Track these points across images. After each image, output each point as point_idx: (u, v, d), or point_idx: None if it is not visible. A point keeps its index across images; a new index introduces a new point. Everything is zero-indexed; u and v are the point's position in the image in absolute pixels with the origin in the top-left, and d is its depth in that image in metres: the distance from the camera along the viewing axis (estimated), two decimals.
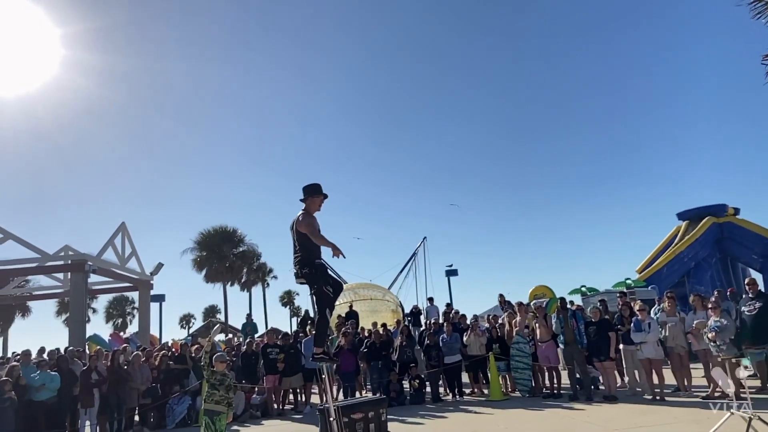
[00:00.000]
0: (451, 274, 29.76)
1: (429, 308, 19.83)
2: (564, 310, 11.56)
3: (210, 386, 7.22)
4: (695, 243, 24.47)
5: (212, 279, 45.71)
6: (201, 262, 45.31)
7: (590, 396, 10.75)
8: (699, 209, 25.98)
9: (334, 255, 5.88)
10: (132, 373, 11.94)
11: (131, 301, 54.51)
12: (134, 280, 25.89)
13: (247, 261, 47.92)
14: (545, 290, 22.85)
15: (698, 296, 11.12)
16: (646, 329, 10.48)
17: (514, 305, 13.84)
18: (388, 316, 20.63)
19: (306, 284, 6.37)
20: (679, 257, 24.37)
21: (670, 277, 23.77)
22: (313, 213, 6.33)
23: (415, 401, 12.31)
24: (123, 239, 24.91)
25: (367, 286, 24.83)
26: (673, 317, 10.91)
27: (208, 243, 45.69)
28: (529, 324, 12.44)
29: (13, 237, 21.50)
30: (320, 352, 6.45)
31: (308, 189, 6.37)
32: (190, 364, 12.94)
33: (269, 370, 12.72)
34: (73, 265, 21.54)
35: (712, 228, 24.63)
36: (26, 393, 10.59)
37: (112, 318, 57.31)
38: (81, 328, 21.22)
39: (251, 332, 20.26)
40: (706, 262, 24.51)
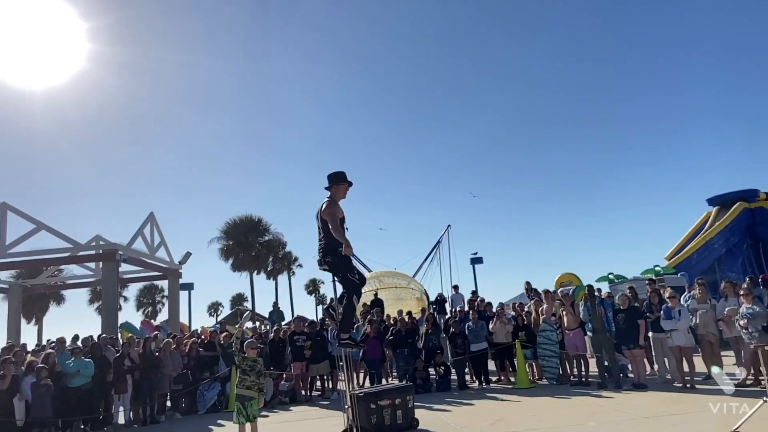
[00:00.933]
0: (476, 262, 29.66)
1: (454, 296, 19.82)
2: (591, 298, 11.46)
3: (241, 372, 7.36)
4: (726, 229, 24.02)
5: (239, 268, 46.39)
6: (227, 251, 45.99)
7: (619, 384, 10.65)
8: (730, 194, 25.46)
9: (344, 253, 5.94)
10: (163, 359, 12.19)
11: (161, 290, 55.62)
12: (163, 269, 26.34)
13: (272, 250, 48.49)
14: (571, 278, 22.68)
15: (730, 283, 10.91)
16: (677, 317, 10.33)
17: (541, 293, 13.76)
18: (413, 304, 20.68)
19: (329, 272, 6.47)
20: (710, 244, 23.96)
21: (700, 264, 23.40)
22: (339, 201, 6.40)
23: (442, 389, 12.35)
24: (152, 229, 25.33)
25: (392, 274, 24.90)
26: (704, 304, 10.74)
27: (234, 232, 46.32)
28: (556, 312, 12.37)
29: (46, 227, 21.99)
30: (346, 338, 6.54)
31: (333, 177, 6.43)
32: (219, 351, 13.16)
33: (297, 357, 12.89)
34: (105, 254, 21.98)
35: (743, 213, 24.14)
36: (61, 379, 10.87)
37: (143, 306, 58.56)
38: (113, 316, 21.68)
39: (278, 320, 20.52)
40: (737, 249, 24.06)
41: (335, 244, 6.12)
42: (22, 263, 23.82)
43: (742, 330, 9.52)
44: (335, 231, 6.01)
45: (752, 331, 9.32)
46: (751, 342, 9.37)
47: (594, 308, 11.22)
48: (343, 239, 5.97)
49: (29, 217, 22.06)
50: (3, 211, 21.72)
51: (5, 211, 21.77)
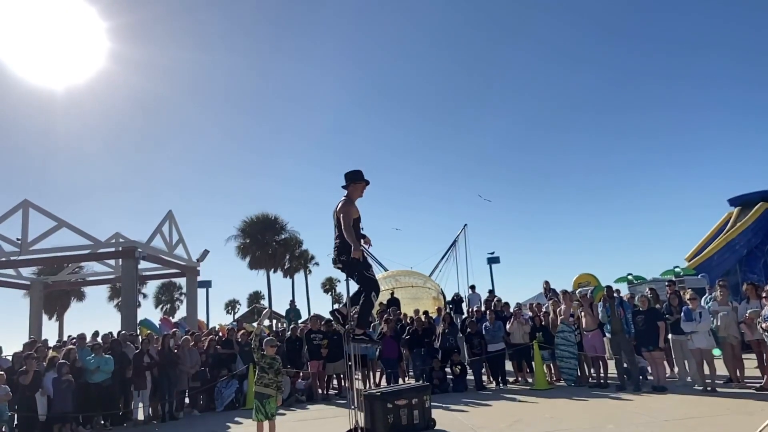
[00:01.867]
0: (493, 262, 29.52)
1: (471, 296, 19.77)
2: (610, 299, 11.34)
3: (260, 369, 7.40)
4: (747, 230, 23.66)
5: (256, 266, 46.73)
6: (244, 249, 46.34)
7: (638, 386, 10.53)
8: (751, 195, 25.06)
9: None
10: (182, 356, 12.31)
11: (179, 287, 56.17)
12: (182, 266, 26.57)
13: (289, 248, 48.78)
14: (590, 278, 22.51)
15: (752, 285, 10.74)
16: (697, 318, 10.19)
17: (559, 293, 13.66)
18: (430, 303, 20.66)
19: (343, 271, 6.45)
20: (731, 245, 23.61)
21: (721, 265, 23.07)
22: (355, 199, 6.40)
23: (458, 389, 12.32)
24: (170, 227, 25.55)
25: (408, 274, 24.90)
26: (725, 306, 10.59)
27: (251, 231, 46.67)
28: (574, 312, 12.27)
29: (67, 225, 22.28)
30: (361, 333, 6.53)
31: (350, 175, 6.43)
32: (236, 349, 13.25)
33: (313, 356, 12.93)
34: (124, 251, 22.22)
35: (765, 214, 23.76)
36: (82, 375, 11.02)
37: (161, 303, 59.24)
38: (132, 313, 21.91)
39: (295, 318, 20.61)
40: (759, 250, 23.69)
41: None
42: (43, 260, 24.18)
43: (764, 333, 9.37)
44: (347, 231, 6.01)
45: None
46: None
47: (613, 309, 11.11)
48: (353, 241, 5.95)
49: (50, 215, 22.38)
50: (25, 209, 22.04)
51: (27, 208, 22.09)
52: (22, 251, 21.78)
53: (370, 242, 6.76)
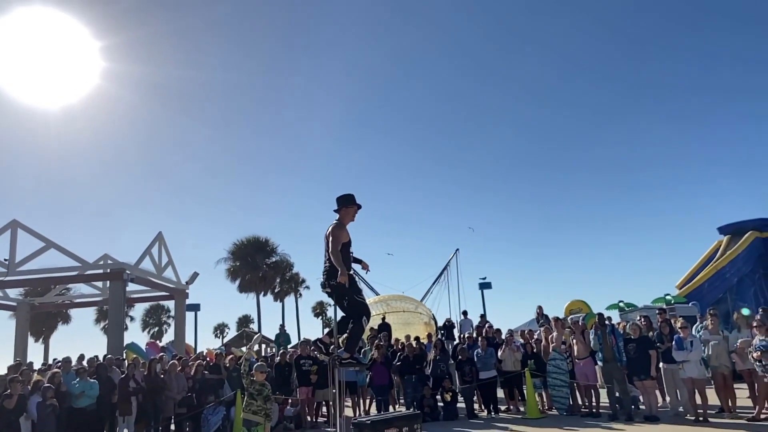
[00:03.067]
0: (485, 287, 29.40)
1: (463, 322, 19.64)
2: (602, 327, 11.31)
3: (248, 396, 7.29)
4: (737, 258, 23.80)
5: (245, 289, 46.35)
6: (234, 272, 46.01)
7: (630, 416, 10.45)
8: (741, 223, 25.29)
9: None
10: (168, 382, 12.10)
11: (167, 310, 55.54)
12: (170, 289, 26.31)
13: (279, 271, 48.48)
14: (581, 305, 22.49)
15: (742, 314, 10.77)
16: (689, 347, 10.17)
17: (551, 320, 13.61)
18: (421, 328, 20.53)
19: (331, 295, 6.36)
20: (721, 273, 23.72)
21: (711, 294, 23.14)
22: (347, 224, 6.35)
23: (449, 417, 12.17)
24: (160, 249, 25.36)
25: (400, 298, 24.78)
26: (716, 335, 10.58)
27: (242, 253, 46.40)
28: (566, 340, 12.21)
29: (55, 245, 22.07)
30: (348, 357, 6.39)
31: (342, 199, 6.40)
32: (224, 374, 13.05)
33: (302, 382, 12.76)
34: (112, 273, 21.99)
35: (755, 243, 23.94)
36: (67, 400, 10.80)
37: (149, 326, 58.47)
38: (119, 336, 21.60)
39: (284, 343, 20.36)
40: (749, 278, 23.79)
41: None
42: (30, 281, 23.90)
43: (756, 363, 9.36)
44: (333, 255, 5.95)
45: (766, 363, 9.16)
46: (765, 375, 9.22)
47: (605, 337, 11.07)
48: (340, 264, 5.88)
49: (39, 235, 22.17)
50: (14, 229, 21.83)
51: (16, 228, 21.88)
52: (9, 272, 21.50)
53: (368, 267, 6.70)
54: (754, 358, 9.32)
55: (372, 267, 6.75)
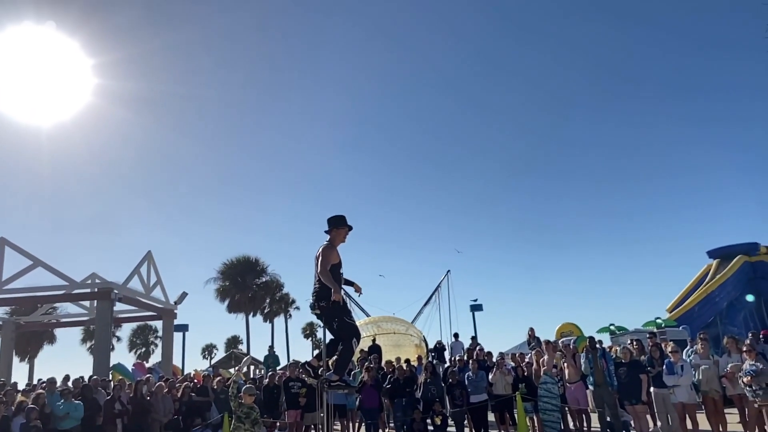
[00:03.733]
0: (476, 309, 29.32)
1: (454, 344, 19.54)
2: (593, 350, 11.28)
3: (236, 419, 7.18)
4: (727, 282, 23.94)
5: (235, 309, 45.95)
6: (224, 292, 45.65)
7: None
8: (730, 247, 25.49)
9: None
10: (154, 404, 11.93)
11: (155, 330, 54.88)
12: (158, 309, 26.06)
13: (269, 291, 48.13)
14: (572, 328, 22.47)
15: (732, 338, 10.79)
16: (679, 372, 10.16)
17: (542, 342, 13.57)
18: (412, 350, 20.38)
19: (320, 317, 6.30)
20: (711, 297, 23.83)
21: (701, 317, 23.22)
22: (338, 245, 6.31)
23: None
24: (149, 268, 25.18)
25: (391, 320, 24.65)
26: (706, 360, 10.58)
27: (231, 273, 46.09)
28: (557, 363, 12.16)
29: (42, 264, 21.87)
30: (337, 380, 6.30)
31: (333, 221, 6.37)
32: (212, 397, 12.88)
33: (291, 405, 12.58)
34: (100, 293, 21.78)
35: (744, 267, 24.11)
36: (51, 421, 10.62)
37: (136, 347, 57.72)
38: (105, 357, 21.31)
39: (273, 365, 20.15)
40: (738, 302, 23.91)
41: (330, 290, 6.04)
42: (17, 300, 23.61)
43: (746, 387, 9.35)
44: (323, 274, 5.92)
45: (756, 388, 9.15)
46: (755, 400, 9.20)
47: (596, 361, 11.05)
48: (332, 283, 5.87)
49: (26, 253, 21.97)
50: (1, 247, 21.64)
51: (3, 246, 21.70)
52: None
53: (361, 290, 6.67)
54: (745, 383, 9.31)
55: (363, 288, 6.71)
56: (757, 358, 9.42)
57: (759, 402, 9.11)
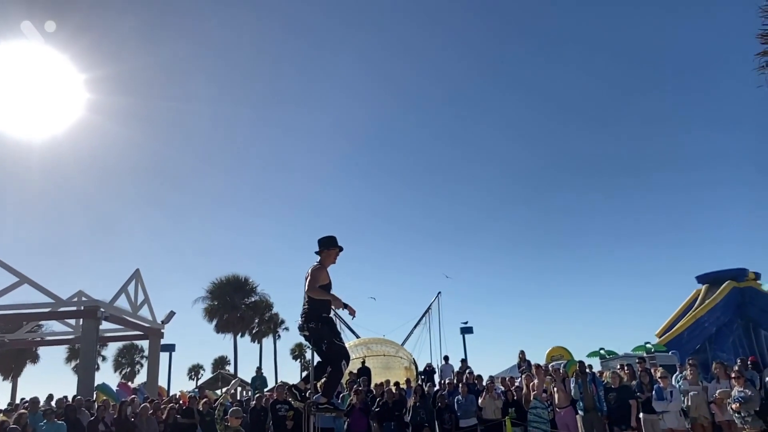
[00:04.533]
0: (466, 332, 29.23)
1: (444, 367, 19.43)
2: (583, 375, 11.27)
3: None
4: (715, 307, 24.00)
5: (223, 329, 45.55)
6: (212, 311, 45.27)
7: None
8: (718, 273, 25.62)
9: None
10: (139, 425, 11.73)
11: (141, 350, 54.19)
12: (145, 328, 25.76)
13: (258, 311, 47.79)
14: (562, 351, 22.43)
15: (721, 364, 10.82)
16: (668, 398, 10.17)
17: (533, 366, 13.53)
18: (402, 373, 20.24)
19: (309, 339, 6.24)
20: (700, 322, 23.87)
21: (690, 342, 23.23)
22: (328, 266, 6.28)
23: None
24: (136, 286, 24.94)
25: (380, 342, 24.51)
26: (695, 386, 10.59)
27: (220, 292, 45.76)
28: (547, 388, 12.11)
29: (28, 281, 21.62)
30: (325, 403, 6.22)
31: (323, 241, 6.35)
32: (197, 419, 12.68)
33: (278, 428, 12.39)
34: (86, 311, 21.51)
35: (732, 292, 24.21)
36: None
37: (121, 367, 56.86)
38: (90, 376, 20.98)
39: (260, 386, 19.90)
40: (727, 328, 23.96)
41: (318, 311, 6.01)
42: (2, 317, 23.28)
43: (734, 414, 9.35)
44: (314, 292, 5.89)
45: (745, 415, 9.16)
46: (744, 426, 9.21)
47: (585, 386, 11.03)
48: (325, 296, 5.87)
49: (12, 270, 21.72)
50: None
51: None
52: None
53: (354, 313, 6.62)
54: (733, 410, 9.32)
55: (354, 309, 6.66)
56: (746, 385, 9.46)
57: (748, 429, 9.13)
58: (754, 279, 24.88)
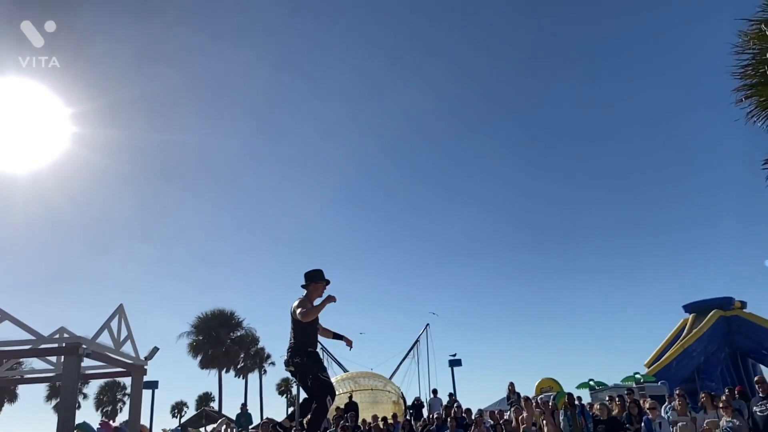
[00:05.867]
0: (455, 365, 28.99)
1: (432, 400, 19.16)
2: (572, 407, 11.17)
3: None
4: (703, 336, 24.14)
5: (207, 365, 44.73)
6: (197, 347, 44.51)
7: None
8: (705, 302, 25.88)
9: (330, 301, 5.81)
10: None
11: (123, 387, 52.97)
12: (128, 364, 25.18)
13: (244, 346, 47.07)
14: (552, 383, 22.27)
15: (708, 394, 10.79)
16: (657, 429, 10.09)
17: (522, 398, 13.40)
18: (389, 407, 19.96)
19: (295, 374, 6.16)
20: (688, 351, 23.96)
21: (679, 372, 23.26)
22: (314, 299, 6.22)
23: None
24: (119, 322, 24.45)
25: (368, 375, 24.23)
26: (684, 416, 10.51)
27: (205, 327, 45.08)
28: (536, 421, 11.97)
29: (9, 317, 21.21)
30: None
31: (310, 275, 6.31)
32: None
33: None
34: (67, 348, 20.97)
35: (719, 321, 24.39)
36: None
37: (103, 404, 55.45)
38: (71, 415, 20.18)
39: (245, 423, 19.49)
40: (715, 357, 24.07)
41: (304, 346, 5.95)
42: None
43: None
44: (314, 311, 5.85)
45: None
46: None
47: (574, 418, 10.93)
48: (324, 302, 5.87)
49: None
50: None
51: None
52: None
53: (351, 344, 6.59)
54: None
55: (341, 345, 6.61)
56: (734, 415, 9.41)
57: None
58: (740, 307, 25.09)
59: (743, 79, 8.95)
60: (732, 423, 9.18)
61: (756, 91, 8.78)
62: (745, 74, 8.88)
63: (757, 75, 8.76)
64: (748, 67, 8.83)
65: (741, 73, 8.91)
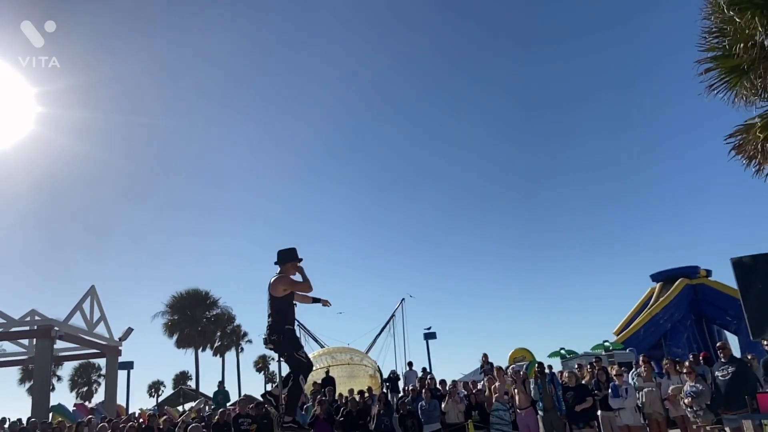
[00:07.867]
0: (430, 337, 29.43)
1: (407, 373, 19.45)
2: (542, 375, 11.49)
3: None
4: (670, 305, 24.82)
5: (183, 344, 44.64)
6: (172, 326, 44.31)
7: None
8: (671, 271, 26.53)
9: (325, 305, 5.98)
10: None
11: (98, 368, 52.59)
12: (102, 346, 25.07)
13: (220, 325, 47.01)
14: (525, 353, 22.80)
15: (671, 360, 11.20)
16: (623, 395, 10.44)
17: (494, 368, 13.72)
18: (366, 381, 20.24)
19: (274, 351, 6.32)
20: (655, 319, 24.65)
21: (647, 339, 23.96)
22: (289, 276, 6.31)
23: None
24: (92, 303, 24.25)
25: (345, 350, 24.51)
26: (649, 382, 10.90)
27: (180, 306, 44.85)
28: (508, 390, 12.29)
29: None
30: (289, 421, 6.24)
31: (283, 254, 6.36)
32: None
33: None
34: (39, 330, 20.83)
35: (685, 290, 25.06)
36: None
37: (77, 386, 55.03)
38: (45, 398, 20.30)
39: (223, 401, 19.58)
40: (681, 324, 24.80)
41: (282, 323, 6.04)
42: None
43: (687, 408, 9.66)
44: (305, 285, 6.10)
45: (697, 409, 9.46)
46: (696, 420, 9.51)
47: (544, 386, 11.24)
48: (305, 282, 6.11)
49: None
50: None
51: None
52: None
53: (329, 303, 6.71)
54: (686, 404, 9.63)
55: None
56: (697, 380, 9.76)
57: (700, 422, 9.43)
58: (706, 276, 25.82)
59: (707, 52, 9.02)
60: (695, 387, 9.53)
61: (717, 64, 8.89)
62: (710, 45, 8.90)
63: (719, 47, 8.82)
64: (711, 35, 8.84)
65: (705, 42, 8.95)
